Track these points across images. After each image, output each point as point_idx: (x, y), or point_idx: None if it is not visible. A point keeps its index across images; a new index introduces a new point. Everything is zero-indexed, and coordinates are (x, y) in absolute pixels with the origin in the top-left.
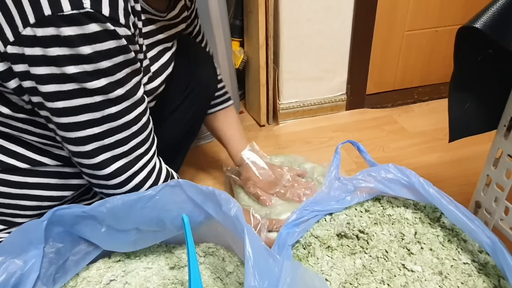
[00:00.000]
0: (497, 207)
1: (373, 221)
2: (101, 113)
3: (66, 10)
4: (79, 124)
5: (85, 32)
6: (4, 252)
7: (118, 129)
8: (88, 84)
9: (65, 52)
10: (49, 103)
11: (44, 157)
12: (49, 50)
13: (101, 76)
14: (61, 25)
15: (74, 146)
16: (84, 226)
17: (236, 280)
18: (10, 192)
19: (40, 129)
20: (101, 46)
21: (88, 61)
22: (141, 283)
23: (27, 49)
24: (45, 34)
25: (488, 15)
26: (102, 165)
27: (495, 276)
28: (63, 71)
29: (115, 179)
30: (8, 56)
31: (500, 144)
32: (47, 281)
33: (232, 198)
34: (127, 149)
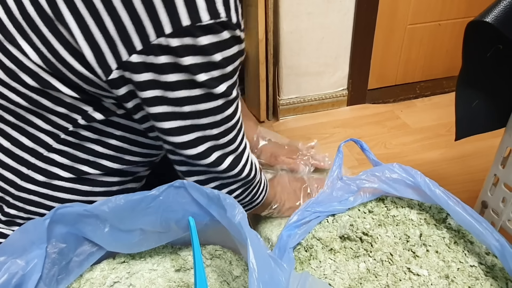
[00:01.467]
0: (504, 208)
1: (377, 222)
2: (221, 115)
3: (205, 20)
4: (201, 126)
5: (219, 40)
6: (5, 252)
7: (231, 129)
8: (215, 90)
9: (198, 60)
10: (176, 107)
11: (113, 164)
12: (183, 59)
13: (225, 80)
14: (198, 35)
15: (191, 149)
16: (87, 225)
17: (242, 285)
18: (77, 199)
19: (122, 131)
20: (228, 52)
21: (217, 67)
22: (145, 285)
23: (159, 58)
24: (180, 44)
25: (499, 9)
26: (217, 162)
27: (502, 279)
28: (194, 78)
29: (229, 172)
30: (129, 65)
31: (508, 142)
32: (50, 282)
33: (237, 204)
34: (236, 145)
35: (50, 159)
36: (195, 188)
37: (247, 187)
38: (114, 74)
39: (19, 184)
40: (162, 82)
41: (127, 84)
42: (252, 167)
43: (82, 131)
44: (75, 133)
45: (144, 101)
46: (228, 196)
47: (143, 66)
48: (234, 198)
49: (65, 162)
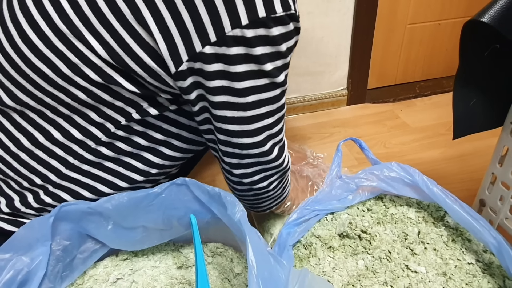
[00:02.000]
0: (502, 206)
1: (375, 220)
2: (276, 104)
3: (278, 12)
4: (261, 115)
5: (286, 31)
6: (11, 249)
7: (281, 118)
8: (277, 79)
9: (267, 50)
10: (240, 98)
11: (154, 157)
12: (255, 49)
13: (284, 70)
14: (271, 25)
15: (248, 138)
16: (91, 223)
17: (243, 282)
18: (111, 193)
19: (169, 124)
20: (290, 42)
21: (281, 57)
22: (148, 282)
23: (231, 49)
24: (255, 35)
25: (496, 8)
26: (270, 151)
27: (500, 276)
28: (261, 68)
29: (276, 162)
30: (203, 56)
31: (506, 141)
32: (54, 279)
33: (238, 201)
34: (283, 135)
35: (97, 151)
36: (197, 185)
37: (282, 178)
38: (183, 66)
39: (63, 173)
40: (231, 73)
41: (193, 75)
42: (288, 158)
43: (134, 124)
44: (126, 127)
45: (209, 90)
46: (229, 194)
47: (214, 57)
48: (271, 190)
49: (111, 154)
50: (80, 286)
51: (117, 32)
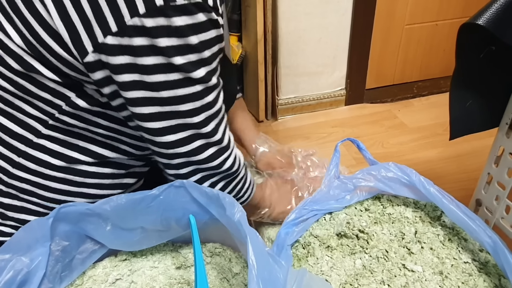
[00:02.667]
0: (498, 206)
1: (373, 220)
2: (201, 102)
3: (178, 0)
4: (182, 112)
5: (194, 22)
6: (10, 250)
7: (212, 117)
8: (192, 74)
9: (174, 42)
10: (154, 92)
11: (105, 150)
12: (158, 40)
13: (202, 66)
14: (172, 15)
15: (171, 135)
16: (90, 224)
17: (242, 282)
18: (69, 190)
19: (108, 121)
20: (205, 35)
21: (194, 51)
22: (147, 282)
23: (134, 40)
24: (155, 25)
25: (491, 11)
26: (198, 150)
27: (495, 275)
28: (170, 61)
29: (209, 163)
30: (105, 47)
31: (501, 142)
32: (54, 279)
33: (236, 202)
34: (219, 137)
35: (40, 146)
36: (195, 187)
37: (229, 181)
38: (90, 57)
39: (11, 172)
40: (139, 66)
41: (104, 68)
42: (236, 161)
43: (68, 118)
44: (62, 120)
45: (121, 85)
46: (227, 195)
47: (118, 48)
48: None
49: (55, 148)
50: (80, 287)
51: (27, 20)
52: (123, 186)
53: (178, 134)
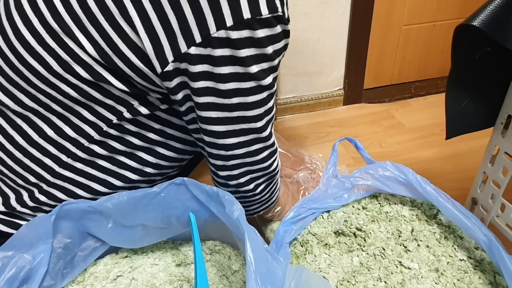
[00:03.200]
0: (493, 204)
1: (370, 218)
2: (264, 107)
3: (264, 13)
4: (248, 118)
5: (273, 34)
6: (13, 247)
7: (270, 121)
8: (263, 82)
9: (253, 52)
10: (225, 99)
11: (149, 156)
12: (240, 51)
13: (271, 73)
14: (256, 27)
15: (234, 138)
16: (91, 221)
17: (241, 279)
18: (107, 192)
19: (161, 125)
20: (278, 45)
21: (268, 60)
22: (147, 279)
23: (216, 51)
24: (239, 37)
25: (486, 12)
26: (256, 152)
27: (490, 272)
28: (247, 70)
29: (262, 164)
30: (188, 57)
31: (497, 141)
32: (56, 276)
33: (235, 200)
34: (273, 140)
35: (90, 150)
36: (195, 185)
37: (270, 182)
38: (169, 67)
39: (57, 171)
40: (215, 74)
41: (180, 75)
42: (279, 163)
43: (126, 124)
44: (118, 126)
45: (194, 91)
46: (227, 193)
47: (199, 58)
48: (258, 194)
49: (104, 153)
50: (81, 283)
51: (105, 31)
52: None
53: (241, 137)
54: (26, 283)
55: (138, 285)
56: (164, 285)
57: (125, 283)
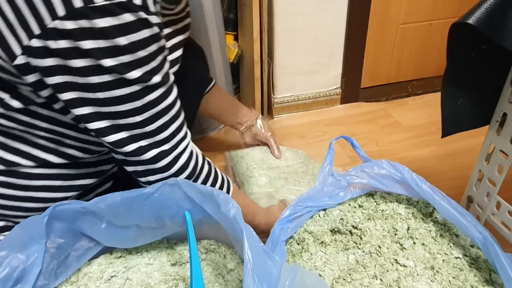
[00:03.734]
0: (489, 202)
1: (366, 216)
2: (141, 101)
3: (97, 1)
4: (119, 113)
5: (121, 23)
6: (6, 247)
7: (155, 117)
8: (127, 75)
9: (100, 44)
10: (89, 93)
11: (49, 155)
12: (82, 43)
13: (137, 66)
14: (93, 16)
15: (112, 136)
16: (85, 222)
17: (236, 277)
18: (13, 194)
19: (49, 124)
20: (135, 36)
21: (126, 52)
22: (142, 279)
23: (59, 42)
24: (77, 27)
25: (481, 11)
26: (139, 151)
27: (486, 270)
28: (99, 63)
29: (155, 164)
30: (32, 49)
31: (492, 139)
32: (49, 276)
33: (231, 199)
34: (167, 135)
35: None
36: (189, 185)
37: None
38: (19, 60)
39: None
40: (69, 68)
41: (35, 71)
42: (190, 162)
43: (3, 120)
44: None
45: (54, 87)
46: (222, 192)
47: (45, 51)
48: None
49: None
50: (75, 284)
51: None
52: (80, 187)
53: (122, 133)
54: (20, 283)
55: (132, 285)
56: (159, 284)
57: (119, 283)
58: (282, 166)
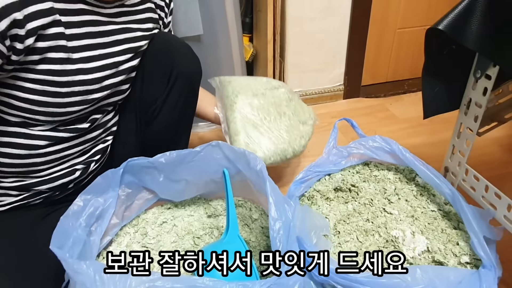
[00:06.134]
0: (460, 170)
1: (362, 179)
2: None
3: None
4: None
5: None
6: (91, 192)
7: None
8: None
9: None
10: None
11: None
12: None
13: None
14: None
15: None
16: (147, 175)
17: (260, 225)
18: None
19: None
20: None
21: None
22: (185, 226)
23: None
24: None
25: (449, 18)
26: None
27: (455, 220)
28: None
29: None
30: None
31: (462, 119)
32: (119, 217)
33: (258, 158)
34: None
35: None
36: (227, 146)
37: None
38: None
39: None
40: None
41: None
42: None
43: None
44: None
45: None
46: (251, 153)
47: None
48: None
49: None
50: (136, 226)
51: None
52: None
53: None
54: (100, 219)
55: (178, 230)
56: (198, 231)
57: (168, 228)
58: (267, 95)
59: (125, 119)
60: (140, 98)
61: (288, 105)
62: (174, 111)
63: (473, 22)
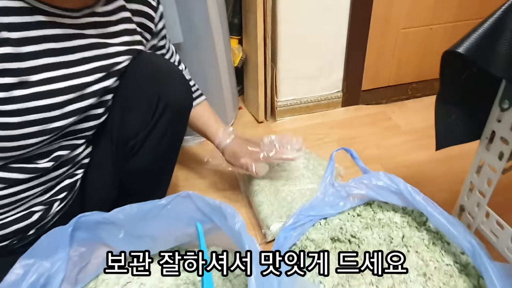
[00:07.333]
0: (479, 212)
1: (364, 225)
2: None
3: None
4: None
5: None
6: (34, 255)
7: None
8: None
9: None
10: None
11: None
12: None
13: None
14: None
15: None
16: (104, 231)
17: (243, 282)
18: None
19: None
20: None
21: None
22: (155, 284)
23: None
24: None
25: (471, 40)
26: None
27: (475, 276)
28: None
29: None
30: None
31: (482, 154)
32: (71, 281)
33: (237, 213)
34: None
35: None
36: (199, 198)
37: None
38: None
39: None
40: None
41: None
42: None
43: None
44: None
45: None
46: (229, 206)
47: None
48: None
49: None
50: None
51: None
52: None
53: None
54: None
55: None
56: None
57: None
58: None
59: (100, 151)
60: (119, 129)
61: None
62: (158, 148)
63: (501, 45)
